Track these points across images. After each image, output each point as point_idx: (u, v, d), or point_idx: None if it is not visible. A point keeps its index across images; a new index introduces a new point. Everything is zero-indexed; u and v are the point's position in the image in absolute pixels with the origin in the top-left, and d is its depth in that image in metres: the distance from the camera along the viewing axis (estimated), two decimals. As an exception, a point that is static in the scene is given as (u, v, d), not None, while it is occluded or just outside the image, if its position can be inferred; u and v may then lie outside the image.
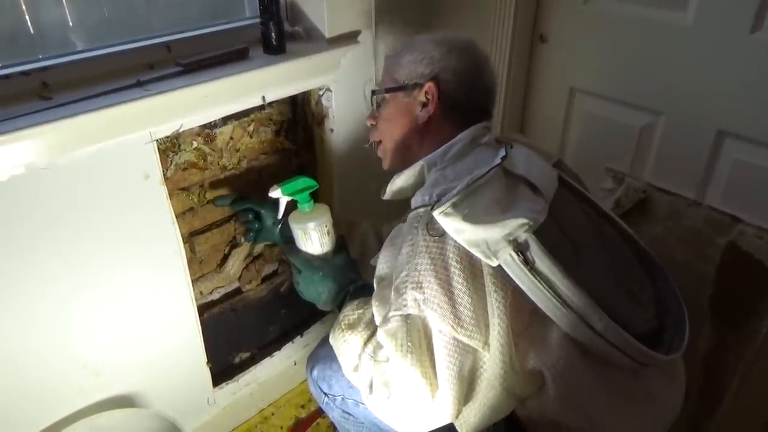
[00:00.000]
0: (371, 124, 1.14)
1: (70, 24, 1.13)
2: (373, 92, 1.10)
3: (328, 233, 1.12)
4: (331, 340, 1.00)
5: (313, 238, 1.10)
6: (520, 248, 0.81)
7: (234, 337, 1.57)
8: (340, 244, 1.15)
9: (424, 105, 1.03)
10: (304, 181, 1.14)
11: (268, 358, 1.62)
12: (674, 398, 0.98)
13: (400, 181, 1.06)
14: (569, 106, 1.70)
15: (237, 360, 1.60)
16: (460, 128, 1.02)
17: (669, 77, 1.45)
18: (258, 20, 1.27)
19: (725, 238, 1.21)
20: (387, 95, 1.08)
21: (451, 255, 0.84)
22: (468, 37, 1.08)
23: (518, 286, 0.82)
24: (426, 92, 1.03)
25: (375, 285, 0.95)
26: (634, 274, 1.00)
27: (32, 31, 1.08)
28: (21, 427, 1.15)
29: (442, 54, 1.03)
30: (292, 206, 1.15)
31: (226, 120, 1.31)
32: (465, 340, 0.83)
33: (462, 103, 1.04)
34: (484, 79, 1.06)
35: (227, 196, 1.32)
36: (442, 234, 0.84)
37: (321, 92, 1.44)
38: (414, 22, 1.60)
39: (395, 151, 1.10)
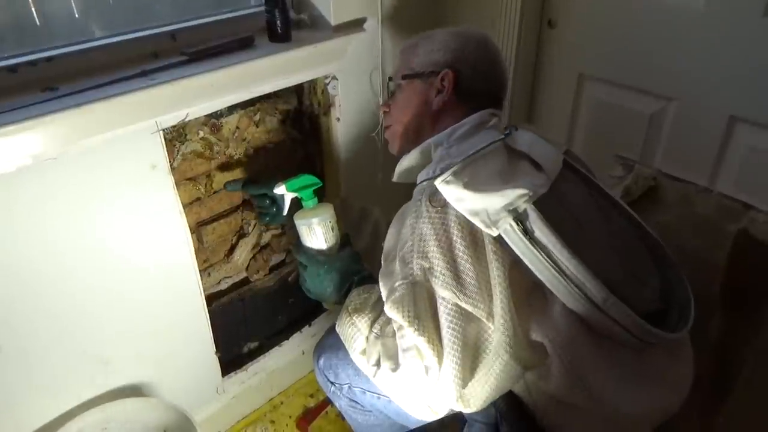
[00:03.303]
0: (384, 111, 1.18)
1: (76, 14, 1.13)
2: (390, 78, 1.14)
3: (332, 229, 1.13)
4: (337, 327, 1.00)
5: (318, 233, 1.11)
6: (520, 218, 0.83)
7: (242, 327, 1.58)
8: (345, 240, 1.16)
9: (439, 92, 1.06)
10: (307, 179, 1.17)
11: (277, 347, 1.63)
12: (680, 379, 0.97)
13: (407, 161, 1.08)
14: (578, 93, 1.68)
15: (246, 349, 1.61)
16: (469, 115, 1.05)
17: (680, 62, 1.43)
18: (263, 8, 1.26)
19: (737, 226, 1.19)
20: (403, 82, 1.11)
21: (452, 225, 0.85)
22: (483, 32, 1.12)
23: (518, 256, 0.84)
24: (442, 79, 1.06)
25: (382, 262, 0.96)
26: (640, 259, 1.00)
27: (38, 22, 1.08)
28: (33, 415, 1.16)
29: (458, 44, 1.07)
30: (296, 204, 1.17)
31: (231, 109, 1.31)
32: (468, 308, 0.84)
33: (475, 91, 1.07)
34: (497, 71, 1.10)
35: (238, 181, 1.32)
36: (444, 205, 0.86)
37: (327, 81, 1.43)
38: (420, 8, 1.58)
39: (406, 136, 1.12)
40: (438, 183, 0.84)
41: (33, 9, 1.07)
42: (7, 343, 1.06)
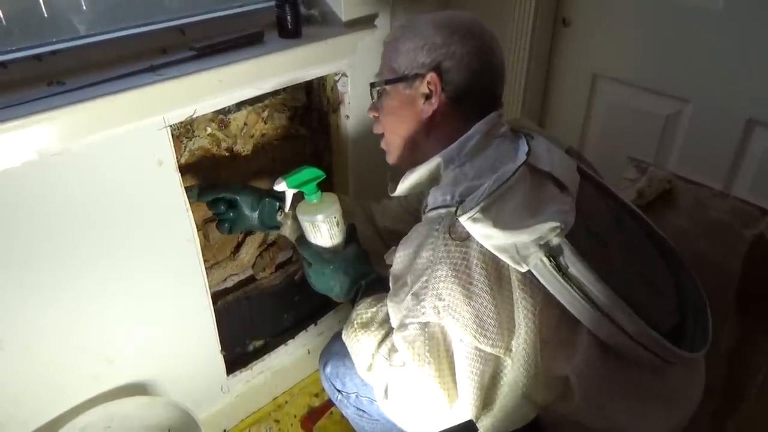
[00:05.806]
0: (373, 116, 1.08)
1: (84, 7, 1.12)
2: (372, 84, 1.03)
3: (338, 224, 1.08)
4: (344, 338, 0.98)
5: (322, 230, 1.07)
6: (552, 253, 0.78)
7: (248, 325, 1.56)
8: (351, 234, 1.11)
9: (428, 97, 0.96)
10: (310, 172, 1.08)
11: (282, 346, 1.62)
12: (695, 393, 0.96)
13: (414, 178, 0.99)
14: (592, 93, 1.66)
15: (251, 348, 1.60)
16: (470, 119, 0.95)
17: (697, 63, 1.40)
18: (273, 3, 1.24)
19: (752, 231, 1.17)
20: (387, 87, 1.00)
21: (475, 261, 0.80)
22: (472, 16, 0.98)
23: (548, 291, 0.80)
24: (428, 83, 0.95)
25: (390, 284, 0.91)
26: (654, 264, 0.97)
27: (45, 15, 1.07)
28: (36, 413, 1.15)
29: (444, 39, 0.94)
30: (300, 197, 1.11)
31: (240, 105, 1.29)
32: (487, 349, 0.81)
33: (468, 92, 0.96)
34: (491, 63, 0.97)
35: (191, 189, 1.20)
36: (465, 238, 0.80)
37: (337, 77, 1.42)
38: (432, 4, 1.56)
39: (402, 147, 1.03)
40: (464, 220, 0.77)
41: (41, 1, 1.05)
42: (10, 341, 1.05)
